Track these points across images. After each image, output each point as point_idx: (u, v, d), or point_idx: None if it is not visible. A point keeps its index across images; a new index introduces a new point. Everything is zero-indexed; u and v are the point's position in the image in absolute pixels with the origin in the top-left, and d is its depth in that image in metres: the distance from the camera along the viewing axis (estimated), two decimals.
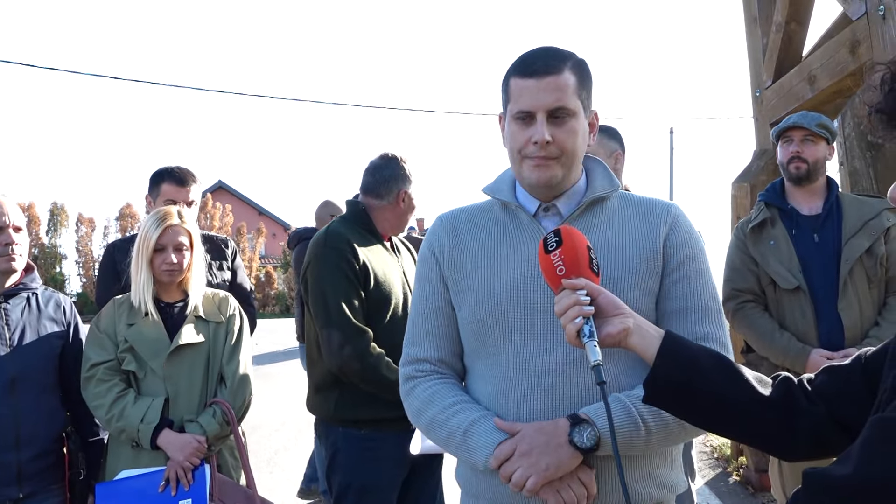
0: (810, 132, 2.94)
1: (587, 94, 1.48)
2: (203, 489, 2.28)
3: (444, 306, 1.58)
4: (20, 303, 2.39)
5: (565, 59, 1.45)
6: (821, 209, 2.94)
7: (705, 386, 1.21)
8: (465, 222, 1.61)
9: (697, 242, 1.54)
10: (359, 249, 2.54)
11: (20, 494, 2.25)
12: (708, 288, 1.51)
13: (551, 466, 1.35)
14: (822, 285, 2.84)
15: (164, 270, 2.41)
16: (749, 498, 4.88)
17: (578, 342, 1.24)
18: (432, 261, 1.60)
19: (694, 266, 1.50)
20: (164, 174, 3.00)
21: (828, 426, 1.18)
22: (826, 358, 2.72)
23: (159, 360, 2.35)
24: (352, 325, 2.45)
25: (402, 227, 2.76)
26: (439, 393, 1.53)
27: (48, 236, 26.71)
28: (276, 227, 36.01)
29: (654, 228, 1.51)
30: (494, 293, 1.48)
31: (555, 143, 1.44)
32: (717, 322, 1.50)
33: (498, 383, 1.48)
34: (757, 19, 5.27)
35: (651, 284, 1.49)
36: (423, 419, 1.54)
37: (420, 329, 1.61)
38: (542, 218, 1.53)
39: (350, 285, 2.48)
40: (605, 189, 1.53)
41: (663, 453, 1.50)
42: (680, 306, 1.49)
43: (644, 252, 1.48)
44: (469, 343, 1.56)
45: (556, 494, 1.37)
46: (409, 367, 1.61)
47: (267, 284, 29.07)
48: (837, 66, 4.01)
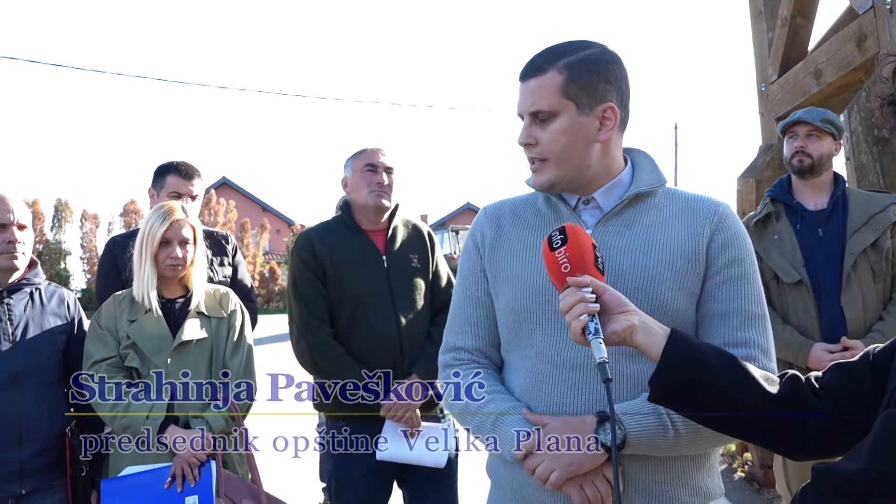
0: (815, 127, 2.93)
1: (586, 90, 1.41)
2: (209, 485, 2.27)
3: (484, 297, 1.59)
4: (23, 298, 2.38)
5: (558, 56, 1.43)
6: (826, 204, 2.94)
7: (712, 384, 1.20)
8: (509, 214, 1.61)
9: (745, 244, 1.48)
10: (320, 248, 2.62)
11: (22, 491, 2.25)
12: (754, 292, 1.45)
13: (574, 462, 1.34)
14: (825, 279, 2.83)
15: (169, 265, 2.39)
16: (754, 494, 4.87)
17: (583, 339, 1.23)
18: (474, 251, 1.62)
19: (740, 269, 1.45)
20: (169, 167, 3.00)
21: (836, 423, 1.16)
22: (827, 351, 2.73)
23: (162, 356, 2.34)
24: (306, 320, 2.57)
25: (368, 214, 2.68)
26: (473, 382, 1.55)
27: (52, 232, 26.76)
28: (280, 223, 36.07)
29: (699, 227, 1.46)
30: (530, 285, 1.48)
31: (540, 145, 1.45)
32: (761, 329, 1.44)
33: (529, 376, 1.48)
34: (762, 14, 5.25)
35: (691, 285, 1.44)
36: (457, 407, 1.57)
37: (460, 318, 1.63)
38: (581, 211, 1.52)
39: (307, 283, 2.60)
40: (651, 184, 1.50)
41: (698, 457, 1.47)
42: (722, 310, 1.44)
43: (686, 251, 1.44)
44: (504, 334, 1.57)
45: (579, 490, 1.37)
46: (448, 356, 1.63)
47: (271, 280, 29.10)
48: (844, 61, 3.99)
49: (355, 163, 2.70)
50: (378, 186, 2.63)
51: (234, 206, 29.21)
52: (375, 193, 2.63)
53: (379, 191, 2.63)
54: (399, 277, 2.65)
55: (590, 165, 1.47)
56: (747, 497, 4.83)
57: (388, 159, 2.69)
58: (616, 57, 1.48)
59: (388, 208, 2.69)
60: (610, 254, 1.44)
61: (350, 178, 2.71)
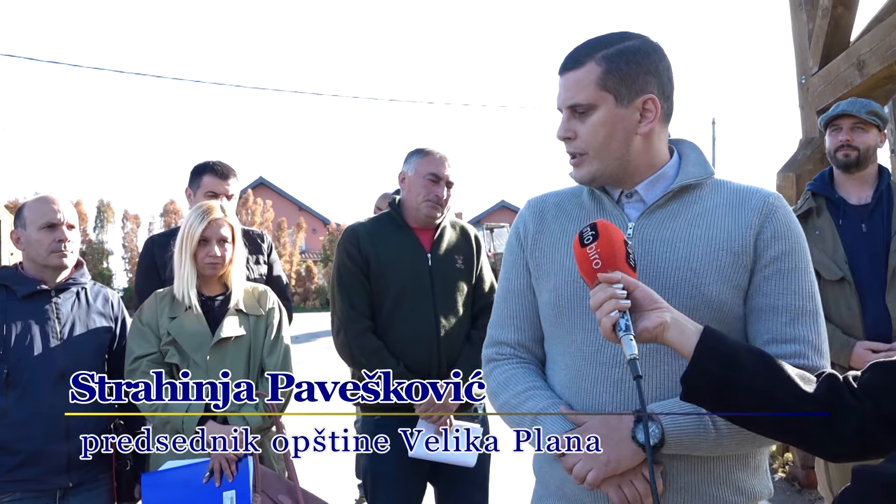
0: (860, 119, 2.86)
1: (625, 81, 1.39)
2: (246, 481, 2.31)
3: (526, 290, 1.58)
4: (70, 297, 2.46)
5: (596, 49, 1.42)
6: (870, 198, 2.87)
7: (745, 382, 1.18)
8: (553, 207, 1.60)
9: (798, 236, 1.43)
10: (366, 240, 2.64)
11: (69, 483, 2.32)
12: (805, 286, 1.40)
13: (612, 461, 1.33)
14: (869, 276, 2.77)
15: (208, 263, 2.44)
16: (796, 495, 4.79)
17: (614, 336, 1.22)
18: (517, 245, 1.61)
19: (791, 261, 1.40)
20: (205, 167, 3.06)
21: (875, 423, 1.13)
22: (871, 350, 2.66)
23: (202, 352, 2.38)
24: (347, 312, 2.61)
25: (419, 214, 2.69)
26: (514, 377, 1.55)
27: (95, 232, 27.38)
28: (316, 222, 36.36)
29: (748, 219, 1.42)
30: (572, 279, 1.47)
31: (578, 139, 1.44)
32: (812, 324, 1.39)
33: (570, 372, 1.47)
34: (802, 4, 5.14)
35: (738, 279, 1.40)
36: (498, 402, 1.57)
37: (502, 312, 1.62)
38: (624, 204, 1.50)
39: (350, 276, 2.63)
40: (697, 176, 1.46)
41: (743, 456, 1.44)
42: (772, 304, 1.39)
43: (732, 244, 1.40)
44: (547, 328, 1.56)
45: (618, 490, 1.36)
46: (490, 350, 1.63)
47: (307, 279, 29.36)
48: (888, 51, 3.89)
49: (420, 164, 2.69)
50: (436, 198, 2.66)
51: (271, 206, 29.54)
52: (431, 204, 2.65)
53: (436, 202, 2.66)
54: (442, 277, 2.67)
55: (631, 158, 1.44)
56: (788, 498, 4.74)
57: (452, 172, 2.71)
58: (658, 47, 1.45)
59: (439, 219, 2.72)
60: (652, 247, 1.42)
61: (410, 176, 2.71)
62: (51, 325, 2.37)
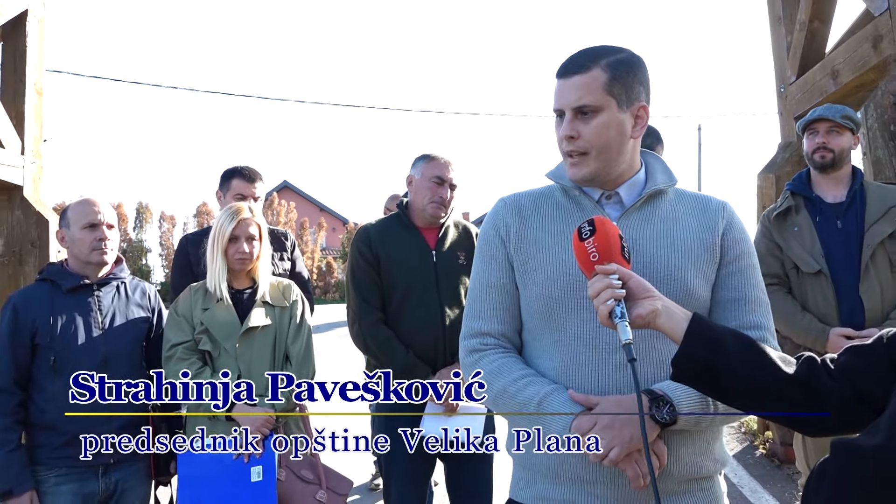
0: (835, 123, 2.84)
1: (625, 88, 1.40)
2: (272, 457, 2.32)
3: (509, 284, 1.53)
4: (111, 291, 2.46)
5: (599, 57, 1.41)
6: (845, 197, 2.84)
7: (730, 364, 1.18)
8: (530, 206, 1.56)
9: (749, 240, 1.54)
10: (376, 240, 2.67)
11: (111, 460, 2.34)
12: (760, 281, 1.52)
13: (634, 438, 1.32)
14: (844, 269, 2.75)
15: (237, 259, 2.45)
16: (775, 469, 4.76)
17: (610, 323, 1.22)
18: (497, 240, 1.55)
19: (748, 261, 1.51)
20: (234, 172, 3.07)
21: (851, 403, 1.13)
22: (845, 337, 2.64)
23: (232, 340, 2.40)
24: (360, 305, 2.65)
25: (425, 214, 2.70)
26: (506, 366, 1.49)
27: (135, 232, 27.57)
28: (336, 221, 36.46)
29: (713, 222, 1.50)
30: (566, 272, 1.44)
31: (582, 139, 1.41)
32: (766, 313, 1.50)
33: (566, 359, 1.44)
34: (781, 18, 5.11)
35: (710, 273, 1.47)
36: (492, 390, 1.50)
37: (484, 304, 1.55)
38: (604, 205, 1.50)
39: (363, 272, 2.66)
40: (665, 183, 1.50)
41: (717, 431, 1.48)
42: (735, 296, 1.48)
43: (705, 242, 1.47)
44: (532, 319, 1.51)
45: (633, 465, 1.35)
46: (474, 340, 1.55)
47: (328, 273, 29.47)
48: (860, 61, 3.86)
49: (426, 168, 2.70)
50: (440, 199, 2.68)
51: (295, 207, 29.67)
52: (435, 205, 2.67)
53: (440, 204, 2.68)
54: (446, 272, 2.68)
55: (622, 161, 1.45)
56: (768, 472, 4.72)
57: (455, 176, 2.72)
58: (643, 62, 1.47)
59: (443, 219, 2.73)
60: (637, 245, 1.43)
61: (417, 180, 2.72)
62: (93, 317, 2.38)
